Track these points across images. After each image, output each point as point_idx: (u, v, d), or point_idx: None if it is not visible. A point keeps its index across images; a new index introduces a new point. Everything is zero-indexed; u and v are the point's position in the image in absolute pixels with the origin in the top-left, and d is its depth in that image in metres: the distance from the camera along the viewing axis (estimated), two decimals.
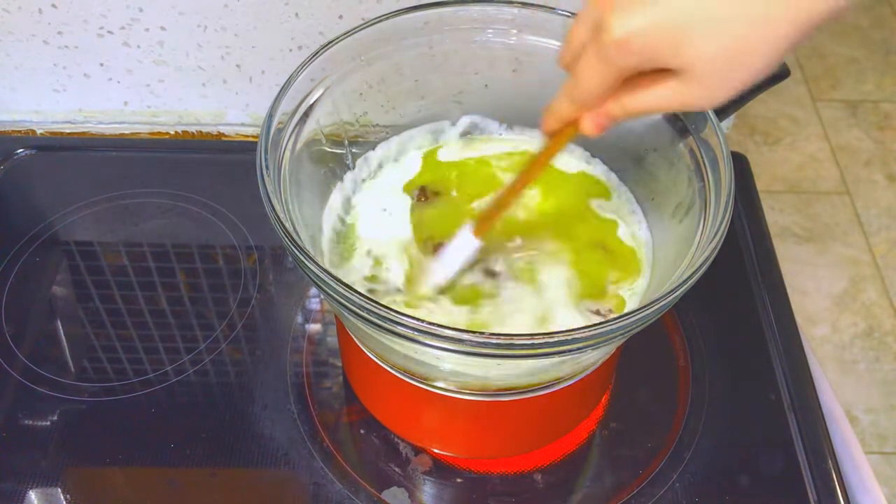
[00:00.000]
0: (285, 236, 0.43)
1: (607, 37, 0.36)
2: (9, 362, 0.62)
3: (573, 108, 0.41)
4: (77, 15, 0.72)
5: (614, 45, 0.36)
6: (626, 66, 0.37)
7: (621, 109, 0.40)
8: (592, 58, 0.38)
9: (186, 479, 0.57)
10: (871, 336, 1.41)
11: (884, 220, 1.58)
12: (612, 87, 0.39)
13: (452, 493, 0.57)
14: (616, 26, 0.35)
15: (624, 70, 0.37)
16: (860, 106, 1.80)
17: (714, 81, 0.36)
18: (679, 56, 0.35)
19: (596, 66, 0.38)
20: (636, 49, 0.36)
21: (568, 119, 0.42)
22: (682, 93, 0.37)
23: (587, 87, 0.39)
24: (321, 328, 0.65)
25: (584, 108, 0.41)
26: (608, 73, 0.38)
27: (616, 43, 0.36)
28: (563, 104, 0.42)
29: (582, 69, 0.39)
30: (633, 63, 0.37)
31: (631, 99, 0.39)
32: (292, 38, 0.73)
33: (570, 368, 0.49)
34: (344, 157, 0.57)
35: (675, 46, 0.35)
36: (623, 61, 0.37)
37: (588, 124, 0.42)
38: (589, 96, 0.40)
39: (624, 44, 0.36)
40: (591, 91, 0.39)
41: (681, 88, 0.37)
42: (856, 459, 0.59)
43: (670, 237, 0.53)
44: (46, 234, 0.71)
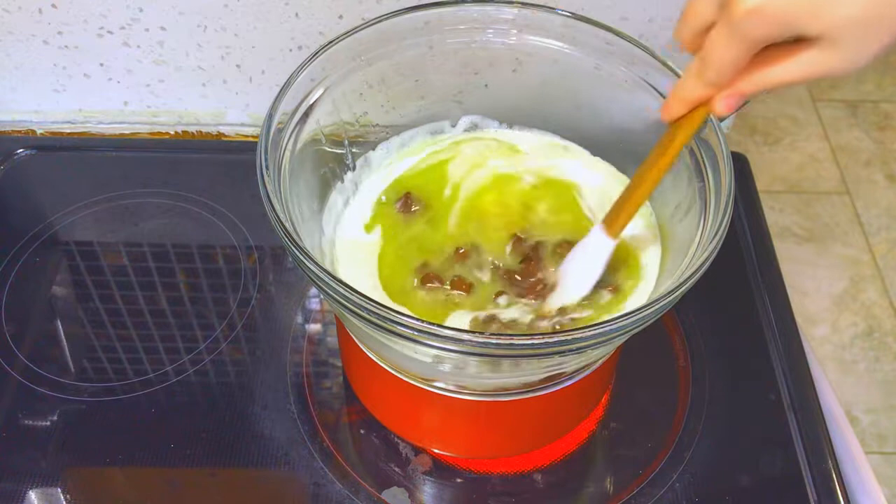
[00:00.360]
0: (285, 236, 0.43)
1: (739, 8, 0.34)
2: (9, 362, 0.62)
3: (704, 89, 0.40)
4: (77, 15, 0.72)
5: (748, 16, 0.34)
6: (761, 38, 0.35)
7: (755, 85, 0.38)
8: (723, 33, 0.36)
9: (186, 479, 0.57)
10: (871, 336, 1.41)
11: (884, 220, 1.58)
12: (743, 62, 0.37)
13: (452, 493, 0.57)
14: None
15: (758, 42, 0.36)
16: (860, 106, 1.80)
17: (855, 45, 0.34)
18: (818, 20, 0.34)
19: (728, 42, 0.36)
20: (772, 17, 0.34)
21: (697, 101, 0.41)
22: (822, 61, 0.35)
23: (720, 64, 0.38)
24: (321, 328, 0.65)
25: (716, 87, 0.39)
26: (741, 47, 0.36)
27: (749, 13, 0.34)
28: (691, 85, 0.40)
29: (712, 46, 0.37)
30: (769, 33, 0.35)
31: (765, 73, 0.37)
32: (292, 38, 0.73)
33: (570, 368, 0.49)
34: (344, 157, 0.57)
35: (814, 11, 0.33)
36: (758, 32, 0.35)
37: (721, 104, 0.40)
38: (721, 74, 0.38)
39: (758, 13, 0.34)
40: (724, 68, 0.38)
41: (820, 56, 0.35)
42: (856, 459, 0.59)
43: (670, 237, 0.53)
44: (46, 234, 0.71)
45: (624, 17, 0.71)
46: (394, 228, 0.55)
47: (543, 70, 0.57)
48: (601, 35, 0.53)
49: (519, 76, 0.58)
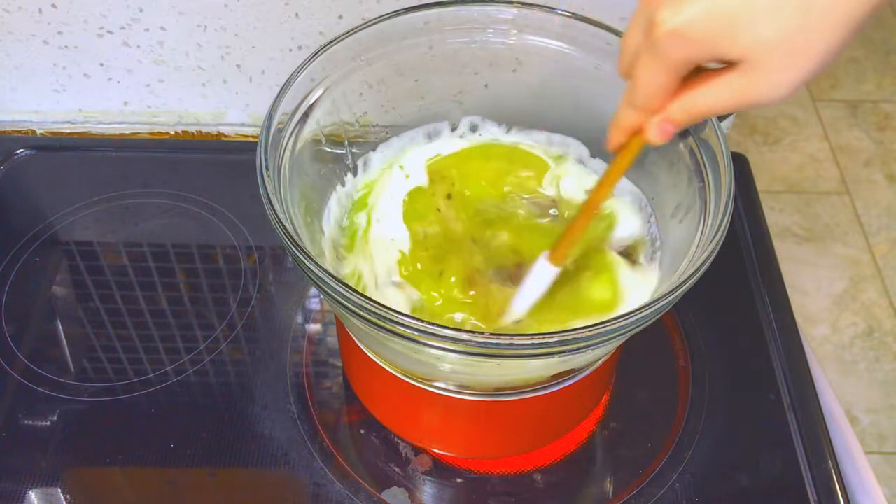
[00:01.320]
0: (285, 236, 0.43)
1: (659, 31, 0.35)
2: (9, 362, 0.62)
3: (636, 115, 0.40)
4: (77, 15, 0.72)
5: (666, 38, 0.35)
6: (682, 60, 0.36)
7: (684, 113, 0.39)
8: (647, 57, 0.37)
9: (186, 479, 0.57)
10: (871, 336, 1.41)
11: (884, 220, 1.58)
12: (670, 86, 0.37)
13: (452, 493, 0.57)
14: (666, 19, 0.34)
15: (680, 65, 0.36)
16: (860, 106, 1.80)
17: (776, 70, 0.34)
18: (736, 44, 0.34)
19: (651, 65, 0.37)
20: (690, 39, 0.34)
21: (632, 128, 0.41)
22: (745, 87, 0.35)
23: (646, 89, 0.38)
24: (321, 328, 0.65)
25: (647, 112, 0.40)
26: (664, 70, 0.36)
27: (668, 35, 0.34)
28: (625, 113, 0.40)
29: (638, 71, 0.38)
30: (688, 55, 0.35)
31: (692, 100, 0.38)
32: (292, 38, 0.73)
33: (570, 368, 0.49)
34: (344, 157, 0.57)
35: (732, 33, 0.33)
36: (678, 55, 0.35)
37: (653, 132, 0.40)
38: (649, 98, 0.38)
39: (677, 35, 0.34)
40: (651, 92, 0.38)
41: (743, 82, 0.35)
42: (856, 459, 0.59)
43: (670, 237, 0.53)
44: (46, 234, 0.71)
45: (624, 17, 0.71)
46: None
47: (543, 70, 0.57)
48: (601, 35, 0.53)
49: (519, 76, 0.58)
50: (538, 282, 0.48)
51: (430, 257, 0.52)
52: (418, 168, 0.57)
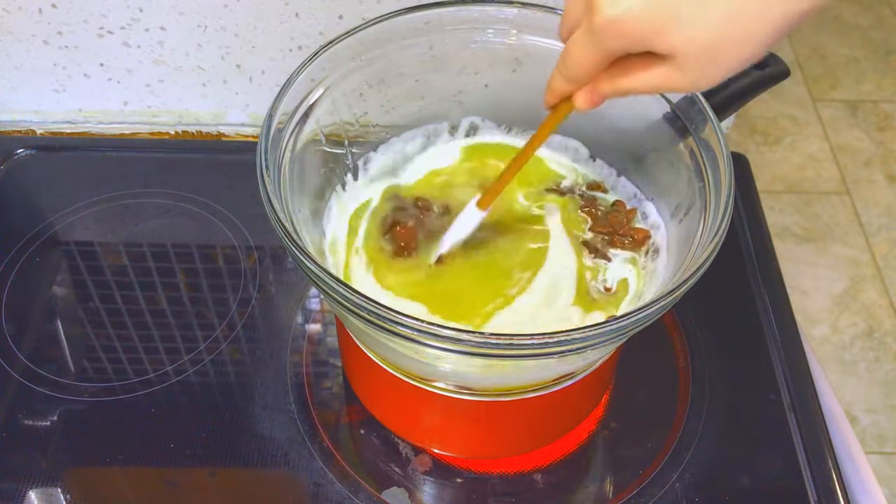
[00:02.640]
0: (285, 236, 0.43)
1: (597, 18, 0.36)
2: (9, 362, 0.62)
3: (565, 84, 0.42)
4: (77, 15, 0.72)
5: (603, 27, 0.36)
6: (615, 48, 0.38)
7: (611, 88, 0.41)
8: (582, 37, 0.38)
9: (186, 479, 0.57)
10: (871, 336, 1.41)
11: (884, 220, 1.58)
12: (600, 67, 0.39)
13: (452, 493, 0.57)
14: (605, 8, 0.36)
15: (612, 52, 0.38)
16: (860, 106, 1.80)
17: (699, 68, 0.37)
18: (666, 40, 0.36)
19: (585, 46, 0.38)
20: (624, 32, 0.36)
21: (563, 94, 0.43)
22: (669, 77, 0.38)
23: (576, 65, 0.40)
24: (321, 328, 0.65)
25: (574, 84, 0.42)
26: (596, 53, 0.38)
27: (604, 25, 0.36)
28: (556, 80, 0.42)
29: (572, 48, 0.40)
30: (621, 45, 0.37)
31: (620, 79, 0.40)
32: (292, 38, 0.73)
33: (570, 368, 0.49)
34: (344, 157, 0.57)
35: (662, 31, 0.35)
36: (612, 43, 0.37)
37: (580, 100, 0.42)
38: (578, 74, 0.40)
39: (612, 26, 0.36)
40: (580, 70, 0.40)
41: (667, 72, 0.37)
42: (856, 459, 0.59)
43: (670, 237, 0.53)
44: (46, 234, 0.71)
45: None
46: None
47: (543, 70, 0.57)
48: None
49: (519, 76, 0.58)
50: (465, 223, 0.52)
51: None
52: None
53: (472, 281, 0.52)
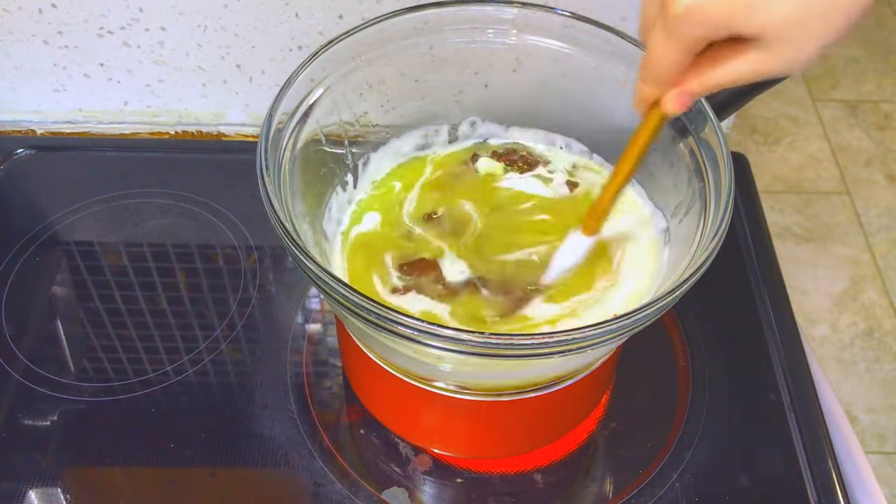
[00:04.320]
0: (285, 236, 0.43)
1: (674, 8, 0.35)
2: (9, 362, 0.62)
3: (652, 88, 0.40)
4: (77, 15, 0.72)
5: (680, 17, 0.35)
6: (696, 38, 0.36)
7: (700, 85, 0.39)
8: (660, 34, 0.37)
9: (186, 479, 0.57)
10: (871, 336, 1.41)
11: (884, 220, 1.58)
12: (684, 63, 0.37)
13: (452, 493, 0.57)
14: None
15: (694, 43, 0.36)
16: (860, 106, 1.80)
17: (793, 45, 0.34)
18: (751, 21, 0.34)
19: (665, 43, 0.37)
20: (703, 18, 0.34)
21: (650, 100, 0.41)
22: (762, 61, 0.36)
23: (659, 65, 0.38)
24: (321, 328, 0.65)
25: (661, 87, 0.40)
26: (678, 47, 0.36)
27: (682, 14, 0.34)
28: (642, 87, 0.41)
29: (652, 47, 0.38)
30: (702, 33, 0.35)
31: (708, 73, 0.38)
32: (292, 38, 0.73)
33: (570, 368, 0.49)
34: (344, 157, 0.57)
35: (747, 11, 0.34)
36: (691, 33, 0.35)
37: (669, 105, 0.40)
38: (662, 75, 0.39)
39: (690, 14, 0.34)
40: (664, 69, 0.38)
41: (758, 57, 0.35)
42: (856, 459, 0.59)
43: (670, 237, 0.53)
44: (46, 234, 0.71)
45: (624, 17, 0.71)
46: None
47: (543, 70, 0.57)
48: (601, 35, 0.53)
49: (519, 76, 0.58)
50: (571, 252, 0.50)
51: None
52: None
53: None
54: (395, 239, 0.54)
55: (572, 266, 0.50)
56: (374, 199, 0.57)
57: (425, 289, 0.51)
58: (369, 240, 0.55)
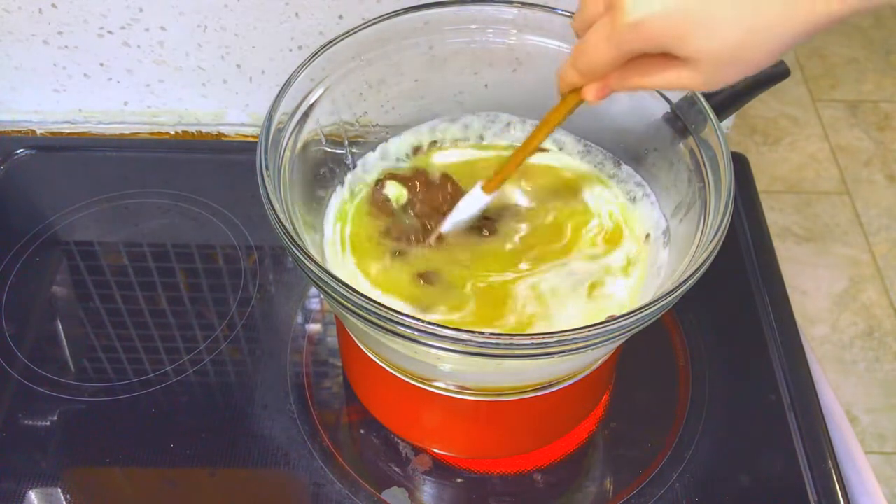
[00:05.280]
0: (285, 236, 0.43)
1: (620, 19, 0.36)
2: (9, 362, 0.62)
3: (577, 77, 0.42)
4: (77, 15, 0.72)
5: (626, 29, 0.37)
6: (635, 50, 0.38)
7: (622, 84, 0.41)
8: (601, 35, 0.39)
9: (186, 479, 0.57)
10: (871, 336, 1.41)
11: (884, 220, 1.58)
12: (615, 65, 0.40)
13: (452, 493, 0.57)
14: (630, 9, 0.36)
15: (631, 53, 0.38)
16: (860, 106, 1.80)
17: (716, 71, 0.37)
18: (687, 46, 0.36)
19: (603, 45, 0.39)
20: (646, 35, 0.37)
21: (573, 86, 0.43)
22: (682, 77, 0.38)
23: (592, 60, 0.40)
24: (321, 328, 0.65)
25: (588, 78, 0.42)
26: (615, 52, 0.39)
27: (628, 26, 0.36)
28: (569, 71, 0.43)
29: (589, 44, 0.40)
30: (642, 47, 0.38)
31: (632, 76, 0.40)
32: (292, 38, 0.73)
33: (570, 368, 0.49)
34: (344, 157, 0.57)
35: (683, 37, 0.36)
36: (633, 45, 0.38)
37: (590, 93, 0.43)
38: (592, 69, 0.41)
39: (636, 28, 0.36)
40: (596, 65, 0.40)
41: (682, 73, 0.38)
42: (856, 459, 0.59)
43: (670, 237, 0.53)
44: (46, 234, 0.71)
45: None
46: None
47: (543, 70, 0.57)
48: None
49: (519, 76, 0.58)
50: (469, 205, 0.52)
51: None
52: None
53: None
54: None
55: (468, 219, 0.53)
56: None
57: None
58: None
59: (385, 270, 0.52)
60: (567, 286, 0.51)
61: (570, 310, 0.50)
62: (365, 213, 0.56)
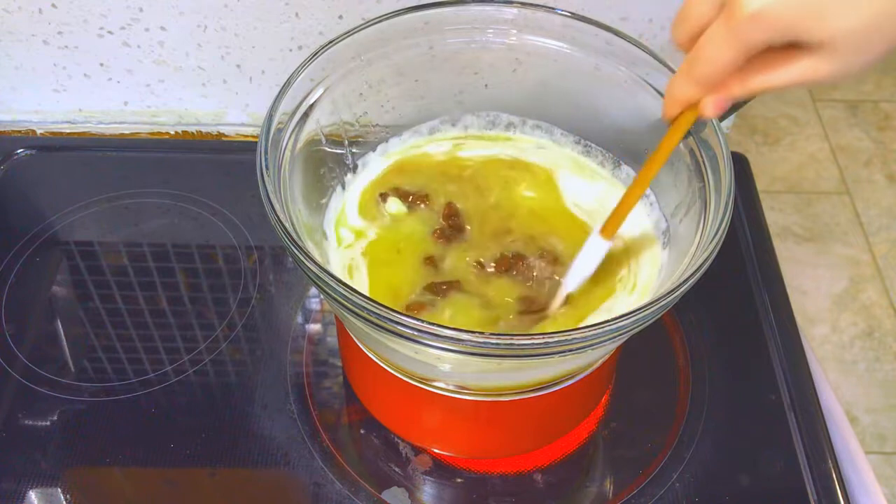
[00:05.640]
0: (285, 236, 0.43)
1: (741, 11, 0.34)
2: (9, 362, 0.62)
3: (694, 89, 0.40)
4: (77, 15, 0.72)
5: (748, 20, 0.34)
6: (759, 42, 0.35)
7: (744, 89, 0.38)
8: (721, 34, 0.36)
9: (186, 479, 0.57)
10: (871, 336, 1.41)
11: (884, 220, 1.58)
12: (738, 65, 0.37)
13: (452, 493, 0.57)
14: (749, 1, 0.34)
15: (756, 47, 0.36)
16: (860, 106, 1.80)
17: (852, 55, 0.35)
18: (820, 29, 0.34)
19: (725, 44, 0.36)
20: (773, 23, 0.34)
21: (689, 101, 0.41)
22: (817, 67, 0.35)
23: (713, 66, 0.37)
24: (321, 328, 0.65)
25: (705, 88, 0.39)
26: (738, 50, 0.36)
27: (751, 17, 0.34)
28: (683, 86, 0.40)
29: (707, 47, 0.37)
30: (767, 38, 0.35)
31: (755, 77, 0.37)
32: (292, 38, 0.73)
33: (570, 368, 0.49)
34: (344, 157, 0.57)
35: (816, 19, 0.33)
36: (757, 37, 0.35)
37: (710, 107, 0.40)
38: (713, 76, 0.38)
39: (760, 17, 0.34)
40: (717, 70, 0.37)
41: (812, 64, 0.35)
42: (856, 459, 0.59)
43: (670, 237, 0.53)
44: (46, 234, 0.71)
45: (624, 17, 0.71)
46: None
47: (543, 70, 0.57)
48: (601, 35, 0.53)
49: (519, 76, 0.58)
50: (591, 257, 0.48)
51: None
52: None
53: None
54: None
55: (592, 271, 0.49)
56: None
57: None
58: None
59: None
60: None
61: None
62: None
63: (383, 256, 0.53)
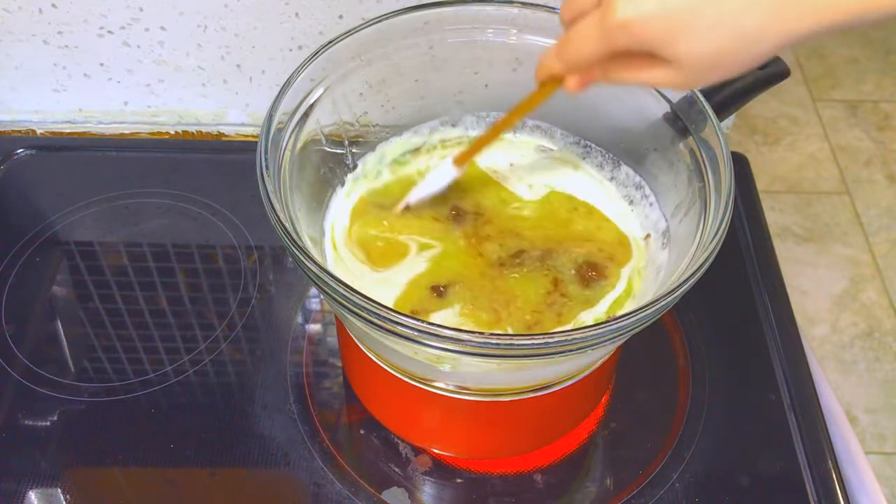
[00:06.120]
0: (285, 236, 0.43)
1: (612, 16, 0.37)
2: (9, 362, 0.62)
3: (561, 66, 0.43)
4: (77, 15, 0.72)
5: (616, 25, 0.37)
6: (622, 46, 0.39)
7: (604, 76, 0.42)
8: (591, 29, 0.39)
9: (186, 479, 0.57)
10: (871, 336, 1.41)
11: (884, 220, 1.58)
12: (602, 58, 0.40)
13: (452, 493, 0.57)
14: (621, 8, 0.37)
15: (618, 49, 0.39)
16: (860, 106, 1.80)
17: (698, 73, 0.38)
18: (673, 48, 0.37)
19: (592, 38, 0.39)
20: (637, 34, 0.37)
21: (554, 74, 0.44)
22: (665, 77, 0.39)
23: (579, 54, 0.41)
24: (321, 328, 0.65)
25: (571, 69, 0.43)
26: (603, 47, 0.39)
27: (619, 24, 0.37)
28: (552, 60, 0.44)
29: (578, 36, 0.40)
30: (630, 45, 0.38)
31: (616, 71, 0.41)
32: (292, 38, 0.73)
33: (570, 368, 0.49)
34: (344, 157, 0.57)
35: (671, 39, 0.37)
36: (621, 42, 0.38)
37: (571, 83, 0.44)
38: (578, 61, 0.42)
39: (627, 27, 0.37)
40: (581, 57, 0.41)
41: (664, 73, 0.39)
42: (856, 459, 0.59)
43: (670, 237, 0.53)
44: (46, 234, 0.71)
45: None
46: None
47: None
48: None
49: (519, 76, 0.58)
50: (439, 178, 0.54)
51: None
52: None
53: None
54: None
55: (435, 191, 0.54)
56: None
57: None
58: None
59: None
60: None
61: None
62: (366, 213, 0.56)
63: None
